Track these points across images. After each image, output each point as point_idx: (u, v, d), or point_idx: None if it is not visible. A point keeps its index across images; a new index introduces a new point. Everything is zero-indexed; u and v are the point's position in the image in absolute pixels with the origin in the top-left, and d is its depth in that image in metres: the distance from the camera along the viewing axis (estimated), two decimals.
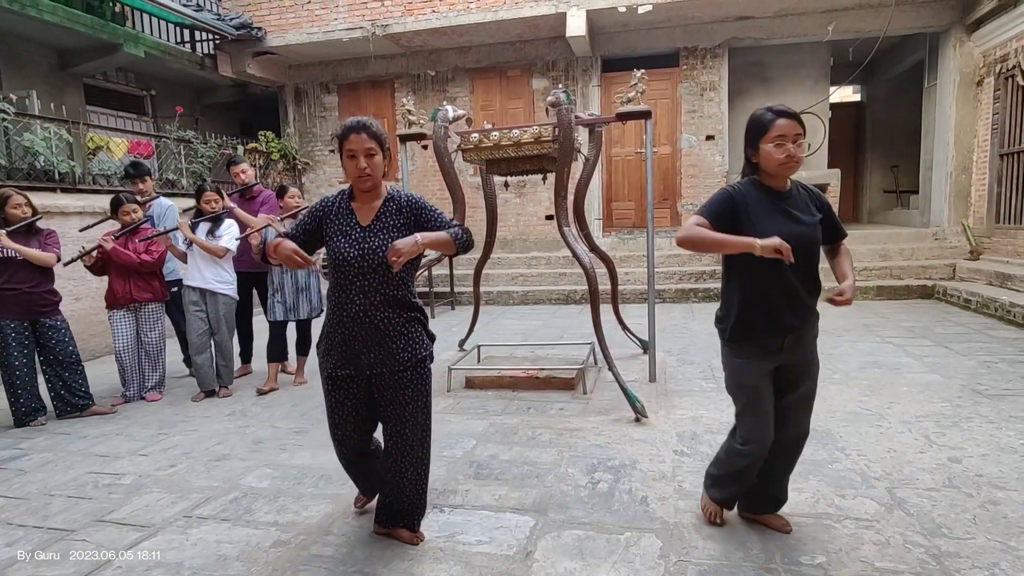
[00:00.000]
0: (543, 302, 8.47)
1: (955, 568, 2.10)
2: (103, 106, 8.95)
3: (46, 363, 4.17)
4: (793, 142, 2.10)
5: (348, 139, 2.20)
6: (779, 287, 2.14)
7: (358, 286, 2.22)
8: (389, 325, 2.25)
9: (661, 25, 8.78)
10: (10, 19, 6.81)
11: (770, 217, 2.13)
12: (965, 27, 8.08)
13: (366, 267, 2.20)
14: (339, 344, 2.28)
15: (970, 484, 2.69)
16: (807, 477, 2.81)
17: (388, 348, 2.25)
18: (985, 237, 7.97)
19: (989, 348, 5.02)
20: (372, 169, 2.21)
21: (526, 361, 4.87)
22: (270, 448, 3.51)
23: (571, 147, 3.92)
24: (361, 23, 8.84)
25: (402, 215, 2.29)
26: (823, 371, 4.43)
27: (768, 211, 2.15)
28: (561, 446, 3.31)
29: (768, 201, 2.17)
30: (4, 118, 5.99)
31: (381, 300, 2.23)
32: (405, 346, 2.28)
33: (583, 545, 2.33)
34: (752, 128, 2.19)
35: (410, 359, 2.28)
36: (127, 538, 2.54)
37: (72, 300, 5.83)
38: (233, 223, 4.70)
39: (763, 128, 2.14)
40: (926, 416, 3.55)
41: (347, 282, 2.23)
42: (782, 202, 2.18)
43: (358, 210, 2.30)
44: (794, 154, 2.10)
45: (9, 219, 4.02)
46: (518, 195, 9.63)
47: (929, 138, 9.09)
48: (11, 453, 3.61)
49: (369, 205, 2.30)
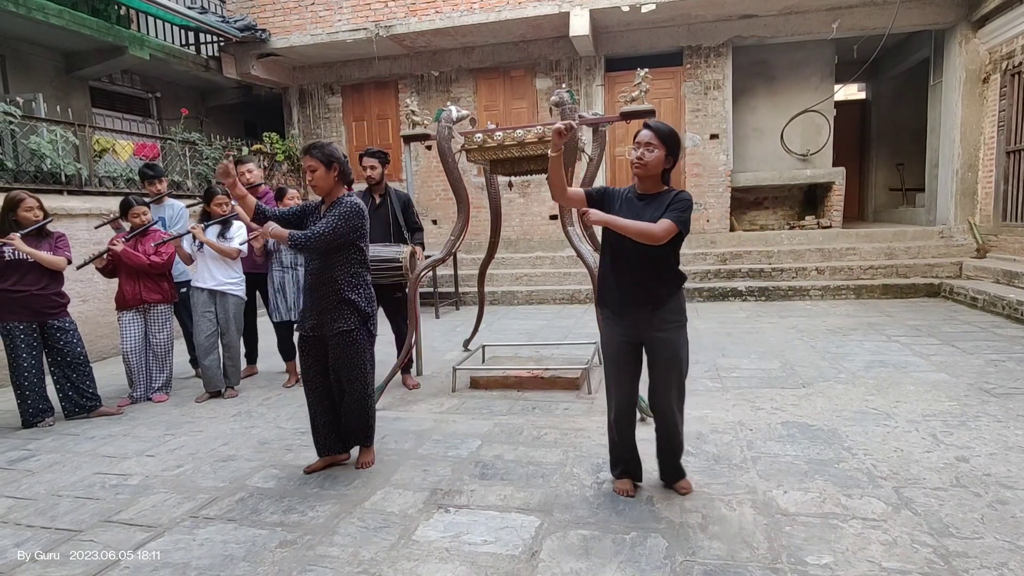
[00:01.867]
0: (547, 302, 8.47)
1: (963, 568, 2.09)
2: (109, 109, 9.00)
3: (54, 364, 4.19)
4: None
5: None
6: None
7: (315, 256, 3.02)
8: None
9: (664, 24, 8.76)
10: (17, 23, 6.85)
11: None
12: (971, 24, 8.04)
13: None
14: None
15: (978, 483, 2.68)
16: (813, 476, 2.80)
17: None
18: (992, 235, 7.92)
19: (997, 346, 4.99)
20: (315, 181, 3.00)
21: (531, 361, 4.87)
22: (276, 448, 3.52)
23: (575, 147, 3.92)
24: (365, 24, 8.86)
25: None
26: (829, 370, 4.44)
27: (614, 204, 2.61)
28: (566, 446, 3.31)
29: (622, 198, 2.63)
30: (11, 121, 6.02)
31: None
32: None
33: (589, 545, 2.33)
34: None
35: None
36: (134, 538, 2.56)
37: (80, 302, 5.86)
38: (243, 225, 4.72)
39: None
40: (933, 415, 3.53)
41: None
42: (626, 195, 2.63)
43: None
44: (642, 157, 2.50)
45: (21, 222, 4.04)
46: (522, 195, 9.63)
47: (935, 136, 9.04)
48: (19, 454, 3.63)
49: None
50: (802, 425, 3.45)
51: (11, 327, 4.01)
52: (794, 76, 9.73)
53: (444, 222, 9.83)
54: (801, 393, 4.03)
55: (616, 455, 2.78)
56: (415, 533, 2.49)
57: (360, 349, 3.05)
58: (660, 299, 2.53)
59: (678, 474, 2.74)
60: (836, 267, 8.05)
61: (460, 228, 4.63)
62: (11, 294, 3.96)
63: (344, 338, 3.00)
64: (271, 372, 5.36)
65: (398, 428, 3.69)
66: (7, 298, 3.96)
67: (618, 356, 2.63)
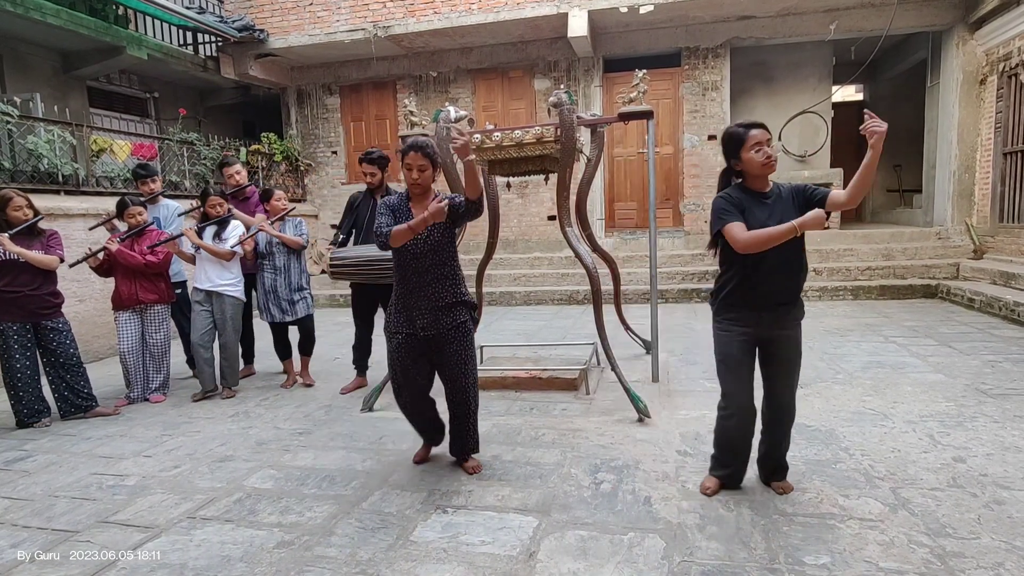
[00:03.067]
0: (545, 302, 8.47)
1: (960, 568, 2.09)
2: (107, 109, 8.99)
3: (49, 365, 4.17)
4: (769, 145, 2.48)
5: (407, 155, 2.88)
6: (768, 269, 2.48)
7: (413, 268, 2.88)
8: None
9: (663, 25, 8.77)
10: (14, 22, 6.84)
11: (756, 214, 2.48)
12: (968, 25, 8.06)
13: (420, 254, 2.89)
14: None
15: (975, 484, 2.69)
16: (811, 477, 2.81)
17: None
18: (989, 236, 7.94)
19: (993, 347, 5.00)
20: (422, 180, 2.90)
21: (529, 362, 4.87)
22: (273, 449, 3.52)
23: (573, 147, 3.92)
24: (363, 25, 8.86)
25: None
26: (827, 371, 4.44)
27: (756, 209, 2.50)
28: (564, 446, 3.31)
29: (754, 200, 2.52)
30: (8, 121, 6.01)
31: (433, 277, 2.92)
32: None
33: (586, 545, 2.33)
34: (731, 141, 2.54)
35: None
36: (131, 539, 2.55)
37: (76, 302, 5.85)
38: (239, 225, 4.71)
39: (740, 139, 2.51)
40: (930, 416, 3.54)
41: (406, 265, 2.90)
42: (764, 198, 2.53)
43: (415, 211, 2.92)
44: (772, 155, 2.48)
45: (11, 221, 4.00)
46: (520, 196, 9.63)
47: (932, 137, 9.07)
48: (16, 455, 3.62)
49: (423, 206, 2.89)
50: (799, 425, 3.43)
51: (4, 327, 3.99)
52: (792, 77, 9.75)
53: None
54: (799, 393, 3.97)
55: (728, 456, 2.72)
56: (413, 534, 2.48)
57: (472, 339, 3.04)
58: (800, 293, 2.59)
59: (785, 471, 2.74)
60: (833, 268, 8.07)
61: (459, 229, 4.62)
62: (4, 295, 3.94)
63: (461, 330, 2.95)
64: (268, 372, 5.35)
65: (396, 429, 3.68)
66: (0, 299, 3.95)
67: (742, 356, 2.59)
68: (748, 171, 2.52)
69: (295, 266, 4.77)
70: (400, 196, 3.01)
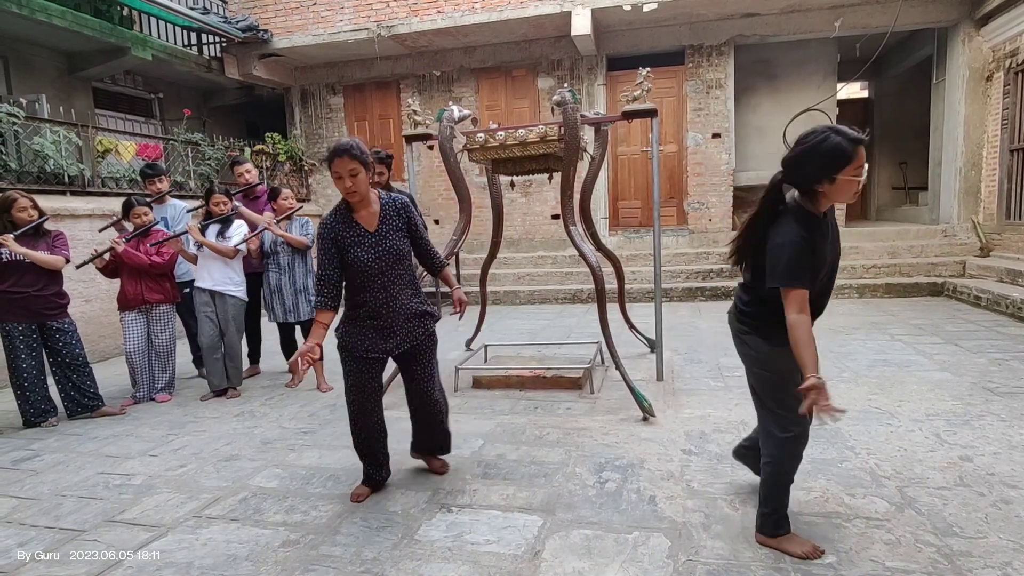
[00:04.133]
0: (549, 301, 8.47)
1: (967, 567, 2.08)
2: (112, 109, 9.02)
3: (55, 365, 4.20)
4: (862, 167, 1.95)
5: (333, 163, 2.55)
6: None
7: (379, 283, 2.66)
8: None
9: (666, 23, 8.75)
10: (19, 24, 6.87)
11: (822, 247, 2.07)
12: (974, 22, 8.01)
13: (383, 266, 2.65)
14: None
15: (982, 483, 2.67)
16: (816, 476, 2.80)
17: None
18: (995, 233, 7.89)
19: (1000, 345, 4.98)
20: (356, 186, 2.57)
21: (533, 361, 4.87)
22: (278, 448, 3.53)
23: (577, 146, 3.91)
24: (367, 24, 8.86)
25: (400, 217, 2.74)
26: (832, 369, 4.43)
27: (820, 240, 2.06)
28: (569, 445, 3.31)
29: (819, 230, 2.05)
30: (14, 122, 6.04)
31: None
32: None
33: (591, 544, 2.33)
34: (835, 158, 1.93)
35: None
36: (137, 538, 2.56)
37: (82, 302, 5.88)
38: (243, 223, 4.73)
39: (847, 158, 1.92)
40: (937, 414, 3.52)
41: (368, 281, 2.65)
42: (823, 225, 2.08)
43: (361, 219, 2.67)
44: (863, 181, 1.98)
45: (16, 222, 4.02)
46: (524, 195, 9.63)
47: (938, 134, 9.01)
48: (23, 454, 3.64)
49: (368, 211, 2.68)
50: None
51: (10, 328, 4.01)
52: (796, 74, 9.70)
53: (446, 222, 9.83)
54: None
55: (787, 495, 2.28)
56: (417, 533, 2.49)
57: (436, 343, 2.94)
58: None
59: None
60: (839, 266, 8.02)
61: (462, 228, 4.63)
62: (10, 295, 3.96)
63: (433, 339, 2.88)
64: (274, 372, 5.37)
65: (400, 428, 3.68)
66: (6, 299, 3.96)
67: (793, 374, 2.08)
68: (831, 196, 2.00)
69: (300, 266, 4.78)
70: (335, 212, 2.67)
